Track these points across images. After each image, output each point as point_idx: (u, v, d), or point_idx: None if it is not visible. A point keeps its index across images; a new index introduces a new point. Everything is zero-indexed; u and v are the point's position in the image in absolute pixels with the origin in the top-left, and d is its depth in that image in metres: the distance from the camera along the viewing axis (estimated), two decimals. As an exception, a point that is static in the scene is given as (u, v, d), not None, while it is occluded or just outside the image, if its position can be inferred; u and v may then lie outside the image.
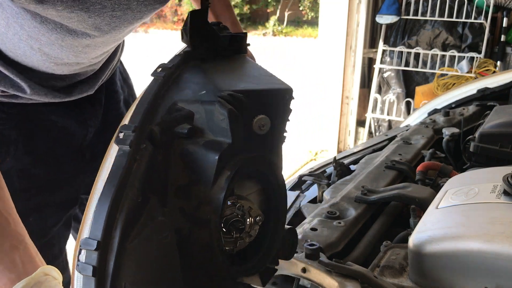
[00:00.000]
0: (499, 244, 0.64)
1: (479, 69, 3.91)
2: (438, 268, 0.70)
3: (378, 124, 4.62)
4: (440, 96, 2.01)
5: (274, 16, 13.36)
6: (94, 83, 1.04)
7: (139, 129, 0.54)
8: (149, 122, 0.55)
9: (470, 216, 0.72)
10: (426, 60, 4.19)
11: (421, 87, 4.20)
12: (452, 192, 0.81)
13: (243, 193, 0.63)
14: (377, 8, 4.34)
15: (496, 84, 1.82)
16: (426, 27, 4.24)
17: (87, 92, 1.03)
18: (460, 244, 0.68)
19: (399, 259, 0.80)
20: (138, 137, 0.53)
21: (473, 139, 1.28)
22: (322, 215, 0.95)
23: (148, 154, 0.54)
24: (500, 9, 4.00)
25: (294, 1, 13.79)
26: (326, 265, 0.71)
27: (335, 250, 0.85)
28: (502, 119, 1.29)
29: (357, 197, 1.02)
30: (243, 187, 0.63)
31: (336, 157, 1.34)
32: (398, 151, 1.34)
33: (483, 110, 1.66)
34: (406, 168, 1.21)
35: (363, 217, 0.98)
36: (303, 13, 13.47)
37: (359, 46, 4.38)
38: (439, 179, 1.18)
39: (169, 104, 0.58)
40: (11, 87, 0.90)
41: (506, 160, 1.20)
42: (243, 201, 0.62)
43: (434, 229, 0.73)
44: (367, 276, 0.68)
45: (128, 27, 0.90)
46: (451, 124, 1.56)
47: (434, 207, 0.80)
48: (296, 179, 1.37)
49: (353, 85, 4.51)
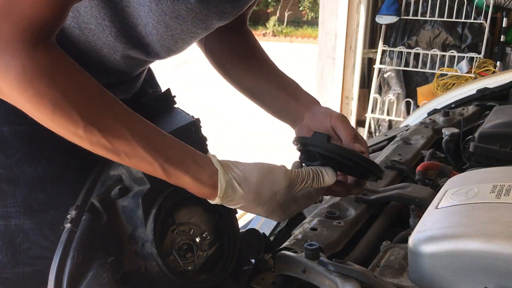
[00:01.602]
0: (499, 244, 0.64)
1: (478, 69, 3.91)
2: (438, 268, 0.70)
3: (378, 124, 4.62)
4: (439, 96, 2.02)
5: (274, 17, 13.36)
6: (132, 85, 0.98)
7: (80, 206, 0.73)
8: (88, 197, 0.75)
9: (469, 216, 0.72)
10: (426, 60, 4.19)
11: (421, 87, 4.21)
12: (452, 192, 0.81)
13: (184, 219, 0.78)
14: (377, 8, 4.34)
15: (495, 84, 1.83)
16: (426, 27, 4.24)
17: (124, 95, 0.95)
18: (460, 244, 0.68)
19: (399, 259, 0.81)
20: (78, 213, 0.73)
21: (472, 139, 1.28)
22: (322, 215, 0.95)
23: (87, 222, 0.72)
24: (499, 9, 4.01)
25: (294, 2, 13.80)
26: (326, 265, 0.71)
27: (335, 250, 0.85)
28: (501, 119, 1.29)
29: (357, 197, 1.02)
30: (182, 214, 0.78)
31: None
32: (397, 151, 1.34)
33: (483, 110, 1.66)
34: (405, 168, 1.22)
35: (363, 217, 0.98)
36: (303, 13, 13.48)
37: (359, 46, 4.38)
38: (438, 179, 1.18)
39: (103, 178, 0.79)
40: None
41: (505, 160, 1.20)
42: (184, 226, 0.77)
43: (433, 229, 0.73)
44: (367, 276, 0.68)
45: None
46: (450, 124, 1.56)
47: (433, 207, 0.80)
48: (296, 179, 1.37)
49: (353, 85, 4.51)
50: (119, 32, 0.78)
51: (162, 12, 0.74)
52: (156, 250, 0.71)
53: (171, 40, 0.80)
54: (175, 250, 0.75)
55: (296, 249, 0.81)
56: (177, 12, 0.74)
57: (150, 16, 0.75)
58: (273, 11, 13.66)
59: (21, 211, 0.85)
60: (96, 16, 0.76)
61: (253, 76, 1.01)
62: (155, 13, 0.75)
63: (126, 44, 0.80)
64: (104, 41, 0.80)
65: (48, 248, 0.87)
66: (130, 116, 0.68)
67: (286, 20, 13.54)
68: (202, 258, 0.78)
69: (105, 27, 0.77)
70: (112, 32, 0.78)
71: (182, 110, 0.92)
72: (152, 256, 0.71)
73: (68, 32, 0.79)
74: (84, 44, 0.81)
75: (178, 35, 0.79)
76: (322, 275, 0.72)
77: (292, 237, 0.88)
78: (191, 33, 0.81)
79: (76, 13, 0.76)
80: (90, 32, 0.78)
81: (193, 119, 0.84)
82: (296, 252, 0.79)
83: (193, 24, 0.78)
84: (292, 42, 12.21)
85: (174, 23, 0.77)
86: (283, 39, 12.46)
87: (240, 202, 0.72)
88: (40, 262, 0.87)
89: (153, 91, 0.99)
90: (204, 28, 0.81)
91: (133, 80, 0.97)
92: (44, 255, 0.87)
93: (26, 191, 0.85)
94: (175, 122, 0.84)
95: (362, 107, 4.62)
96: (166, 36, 0.79)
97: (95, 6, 0.74)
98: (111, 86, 0.89)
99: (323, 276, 0.72)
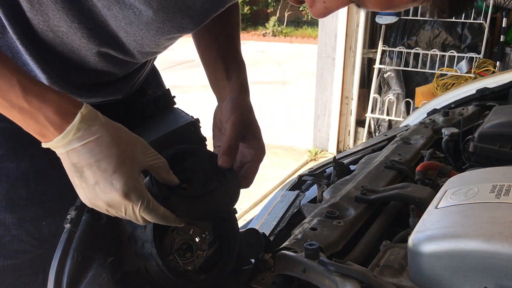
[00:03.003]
0: (499, 244, 0.64)
1: (478, 69, 3.91)
2: (438, 268, 0.70)
3: (377, 124, 4.62)
4: (439, 96, 2.02)
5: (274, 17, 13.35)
6: (122, 87, 0.95)
7: (79, 206, 0.72)
8: None
9: (469, 216, 0.72)
10: (426, 60, 4.19)
11: (420, 87, 4.21)
12: (452, 192, 0.81)
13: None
14: (377, 8, 4.33)
15: (495, 84, 1.83)
16: (426, 27, 4.25)
17: (114, 96, 0.93)
18: (460, 244, 0.68)
19: (398, 258, 0.81)
20: (78, 213, 0.72)
21: (472, 139, 1.28)
22: (322, 215, 0.95)
23: (86, 222, 0.72)
24: (499, 9, 4.01)
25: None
26: (326, 264, 0.71)
27: (334, 249, 0.85)
28: (501, 119, 1.29)
29: (356, 197, 1.02)
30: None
31: (336, 157, 1.34)
32: (397, 151, 1.34)
33: (483, 110, 1.66)
34: (405, 168, 1.22)
35: (362, 217, 0.98)
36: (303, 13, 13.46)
37: (358, 46, 4.38)
38: (438, 179, 1.18)
39: None
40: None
41: (505, 160, 1.20)
42: (183, 226, 0.75)
43: (433, 229, 0.73)
44: (367, 276, 0.68)
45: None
46: (450, 124, 1.56)
47: (433, 207, 0.80)
48: (296, 179, 1.38)
49: (353, 85, 4.51)
50: (91, 32, 0.77)
51: (116, 17, 0.74)
52: (155, 250, 0.71)
53: (136, 44, 0.80)
54: (175, 250, 0.75)
55: (296, 249, 0.81)
56: (128, 19, 0.74)
57: (110, 19, 0.75)
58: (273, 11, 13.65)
59: (2, 205, 0.86)
60: (64, 19, 0.75)
61: (209, 38, 0.98)
62: (112, 17, 0.75)
63: (100, 45, 0.79)
64: (79, 43, 0.79)
65: (29, 242, 0.88)
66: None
67: (286, 20, 13.53)
68: (202, 258, 0.78)
69: (76, 29, 0.76)
70: (84, 33, 0.77)
71: (182, 110, 0.92)
72: (151, 256, 0.71)
73: (43, 35, 0.78)
74: (61, 47, 0.80)
75: (139, 40, 0.79)
76: (322, 274, 0.72)
77: (292, 237, 0.88)
78: (153, 41, 0.80)
79: (45, 16, 0.75)
80: (63, 34, 0.78)
81: (192, 119, 0.84)
82: (296, 252, 0.79)
83: (150, 33, 0.77)
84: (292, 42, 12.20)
85: (131, 29, 0.76)
86: (283, 39, 12.46)
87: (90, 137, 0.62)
88: (20, 256, 0.89)
89: (153, 91, 0.99)
90: (166, 39, 0.81)
91: (125, 80, 0.95)
92: (25, 249, 0.88)
93: (8, 186, 0.86)
94: (174, 122, 0.84)
95: (362, 107, 4.62)
96: (130, 41, 0.79)
97: (61, 9, 0.73)
98: (100, 87, 0.90)
99: (323, 276, 0.72)
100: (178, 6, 0.75)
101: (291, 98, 6.74)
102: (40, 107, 0.62)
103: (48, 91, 0.63)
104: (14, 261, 0.88)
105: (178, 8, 0.75)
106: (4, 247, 0.87)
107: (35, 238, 0.89)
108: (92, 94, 0.89)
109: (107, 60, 0.84)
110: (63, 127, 0.62)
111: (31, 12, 0.75)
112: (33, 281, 0.90)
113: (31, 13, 0.75)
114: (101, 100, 0.91)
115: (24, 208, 0.87)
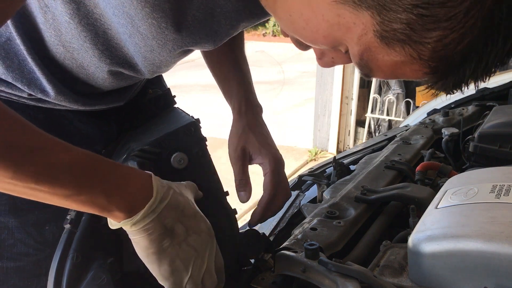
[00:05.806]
0: (499, 244, 0.64)
1: (478, 69, 3.90)
2: (438, 268, 0.70)
3: (377, 124, 4.62)
4: (439, 96, 2.01)
5: (273, 17, 13.35)
6: (125, 94, 0.95)
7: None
8: None
9: (469, 216, 0.72)
10: (426, 60, 4.18)
11: (420, 87, 4.20)
12: (452, 192, 0.81)
13: None
14: (377, 8, 4.33)
15: (495, 84, 1.83)
16: (426, 27, 4.24)
17: (116, 103, 0.94)
18: (460, 243, 0.68)
19: (398, 258, 0.81)
20: (78, 214, 0.73)
21: (472, 139, 1.28)
22: (322, 215, 0.95)
23: (87, 222, 0.73)
24: (499, 9, 4.00)
25: (294, 1, 13.72)
26: (326, 264, 0.71)
27: (334, 249, 0.85)
28: (501, 119, 1.29)
29: (356, 197, 1.02)
30: None
31: (336, 157, 1.34)
32: (397, 151, 1.34)
33: (483, 110, 1.66)
34: (405, 168, 1.22)
35: (362, 217, 0.98)
36: (302, 13, 13.46)
37: (358, 46, 4.37)
38: (438, 179, 1.18)
39: None
40: (37, 89, 0.82)
41: (505, 160, 1.20)
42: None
43: (433, 228, 0.73)
44: (367, 276, 0.69)
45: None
46: (450, 124, 1.57)
47: (433, 207, 0.80)
48: (296, 179, 1.38)
49: (353, 85, 4.51)
50: (102, 54, 0.77)
51: (136, 44, 0.74)
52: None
53: (152, 66, 0.80)
54: None
55: (296, 249, 0.81)
56: (149, 48, 0.74)
57: (129, 44, 0.75)
58: (273, 11, 13.65)
59: (6, 209, 0.86)
60: (77, 38, 0.75)
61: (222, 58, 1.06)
62: (131, 44, 0.74)
63: (111, 65, 0.79)
64: (89, 61, 0.78)
65: (32, 246, 0.88)
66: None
67: (286, 20, 13.52)
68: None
69: (87, 49, 0.76)
70: (95, 53, 0.77)
71: (182, 110, 0.92)
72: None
73: (53, 48, 0.78)
74: (71, 61, 0.80)
75: (157, 63, 0.79)
76: (322, 274, 0.72)
77: (292, 237, 0.88)
78: (171, 63, 0.81)
79: (58, 31, 0.75)
80: (74, 50, 0.77)
81: (193, 119, 0.84)
82: (296, 252, 0.79)
83: (170, 57, 0.78)
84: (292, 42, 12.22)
85: (151, 55, 0.76)
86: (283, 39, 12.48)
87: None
88: (23, 258, 0.89)
89: (153, 90, 0.99)
90: (185, 56, 0.83)
91: (129, 88, 0.95)
92: (28, 252, 0.88)
93: None
94: (175, 123, 0.84)
95: (362, 107, 4.62)
96: (147, 64, 0.79)
97: (74, 28, 0.73)
98: (103, 95, 0.91)
99: (323, 276, 0.72)
100: (205, 31, 0.76)
101: (291, 98, 6.74)
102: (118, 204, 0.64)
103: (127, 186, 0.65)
104: (17, 264, 0.89)
105: (205, 33, 0.76)
106: (7, 250, 0.87)
107: (38, 242, 0.89)
108: (96, 102, 0.90)
109: (116, 78, 0.84)
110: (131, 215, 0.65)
111: (44, 25, 0.74)
112: (35, 284, 0.90)
113: (44, 25, 0.74)
114: (104, 107, 0.92)
115: (27, 212, 0.87)
